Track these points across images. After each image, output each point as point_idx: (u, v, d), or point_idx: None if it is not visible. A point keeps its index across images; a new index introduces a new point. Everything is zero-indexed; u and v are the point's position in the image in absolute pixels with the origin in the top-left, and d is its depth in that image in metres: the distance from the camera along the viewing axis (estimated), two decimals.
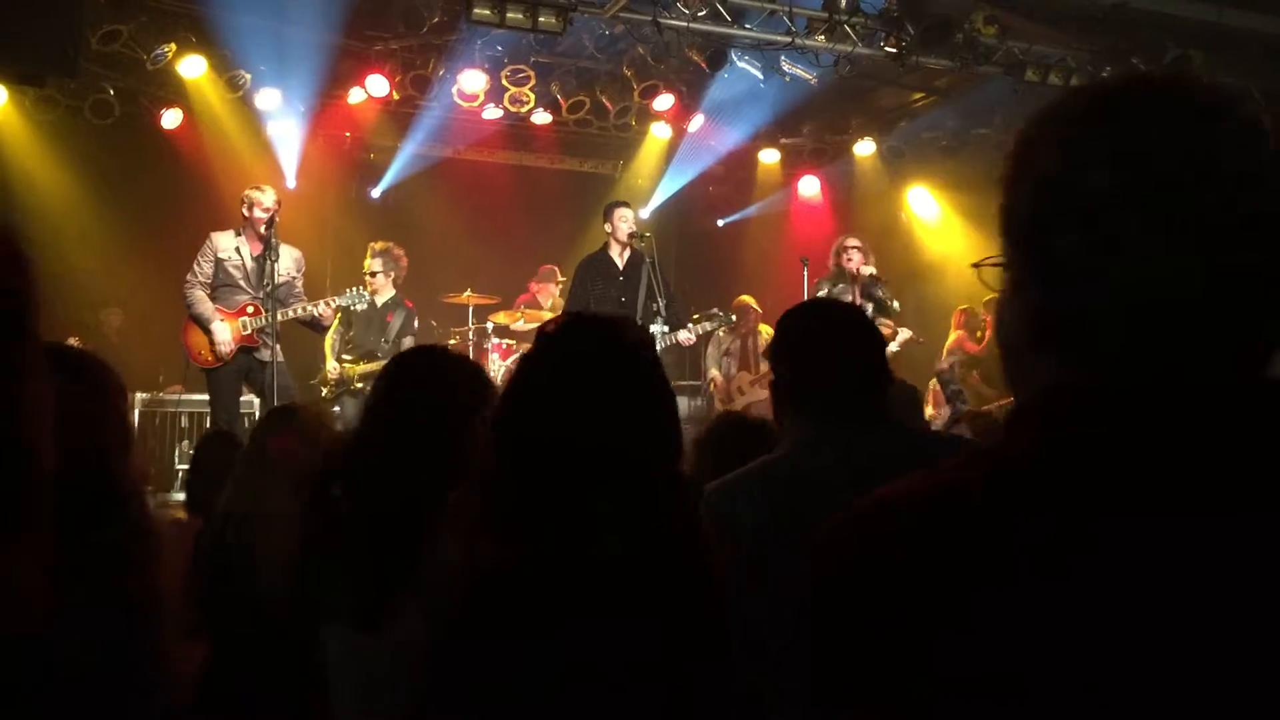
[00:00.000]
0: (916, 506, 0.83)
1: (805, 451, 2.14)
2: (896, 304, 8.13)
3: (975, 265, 0.96)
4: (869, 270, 7.99)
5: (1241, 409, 0.83)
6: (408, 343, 8.12)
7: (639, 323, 7.34)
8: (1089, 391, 0.85)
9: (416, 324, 8.39)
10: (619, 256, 7.68)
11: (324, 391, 8.26)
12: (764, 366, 9.88)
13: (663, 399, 1.80)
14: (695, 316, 8.03)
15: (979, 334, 10.67)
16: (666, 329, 7.33)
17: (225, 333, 6.84)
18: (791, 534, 1.97)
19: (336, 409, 8.30)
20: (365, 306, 7.87)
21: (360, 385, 8.13)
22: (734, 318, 8.41)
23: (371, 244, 8.45)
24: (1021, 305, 0.91)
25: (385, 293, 8.30)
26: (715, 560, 1.80)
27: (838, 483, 2.00)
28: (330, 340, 8.31)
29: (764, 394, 9.41)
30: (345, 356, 8.24)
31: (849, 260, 8.04)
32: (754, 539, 2.00)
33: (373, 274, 8.19)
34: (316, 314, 7.08)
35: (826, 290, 7.99)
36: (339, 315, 7.96)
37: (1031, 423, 0.87)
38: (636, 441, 1.74)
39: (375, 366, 8.06)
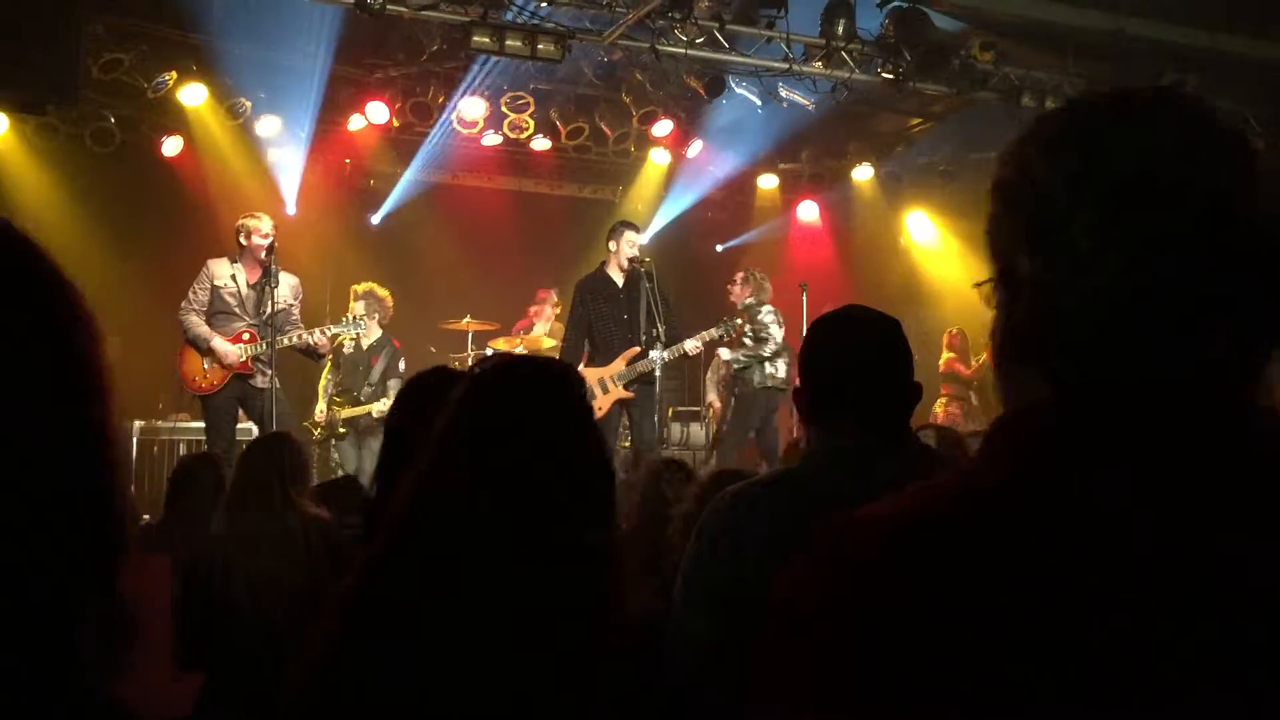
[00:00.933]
0: (887, 529, 0.83)
1: (821, 466, 2.06)
2: (775, 329, 8.28)
3: (977, 286, 0.96)
4: (747, 300, 8.26)
5: (1204, 431, 0.81)
6: (393, 384, 8.13)
7: (641, 339, 7.34)
8: (1049, 413, 0.85)
9: (403, 365, 8.35)
10: (618, 276, 7.64)
11: (315, 434, 8.25)
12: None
13: (602, 458, 1.65)
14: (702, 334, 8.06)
15: (979, 356, 10.67)
16: (665, 356, 7.30)
17: (226, 345, 6.84)
18: (789, 544, 1.93)
19: (335, 455, 8.33)
20: (362, 332, 7.87)
21: (344, 430, 8.13)
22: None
23: (354, 287, 8.47)
24: (1000, 320, 0.92)
25: (371, 334, 8.31)
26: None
27: (849, 502, 1.95)
28: (323, 381, 8.36)
29: None
30: (336, 399, 8.28)
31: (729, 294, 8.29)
32: (756, 555, 1.95)
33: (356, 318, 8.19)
34: (312, 342, 7.06)
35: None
36: (331, 357, 7.97)
37: (997, 445, 0.87)
38: (570, 509, 1.57)
39: (358, 411, 8.10)
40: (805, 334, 2.18)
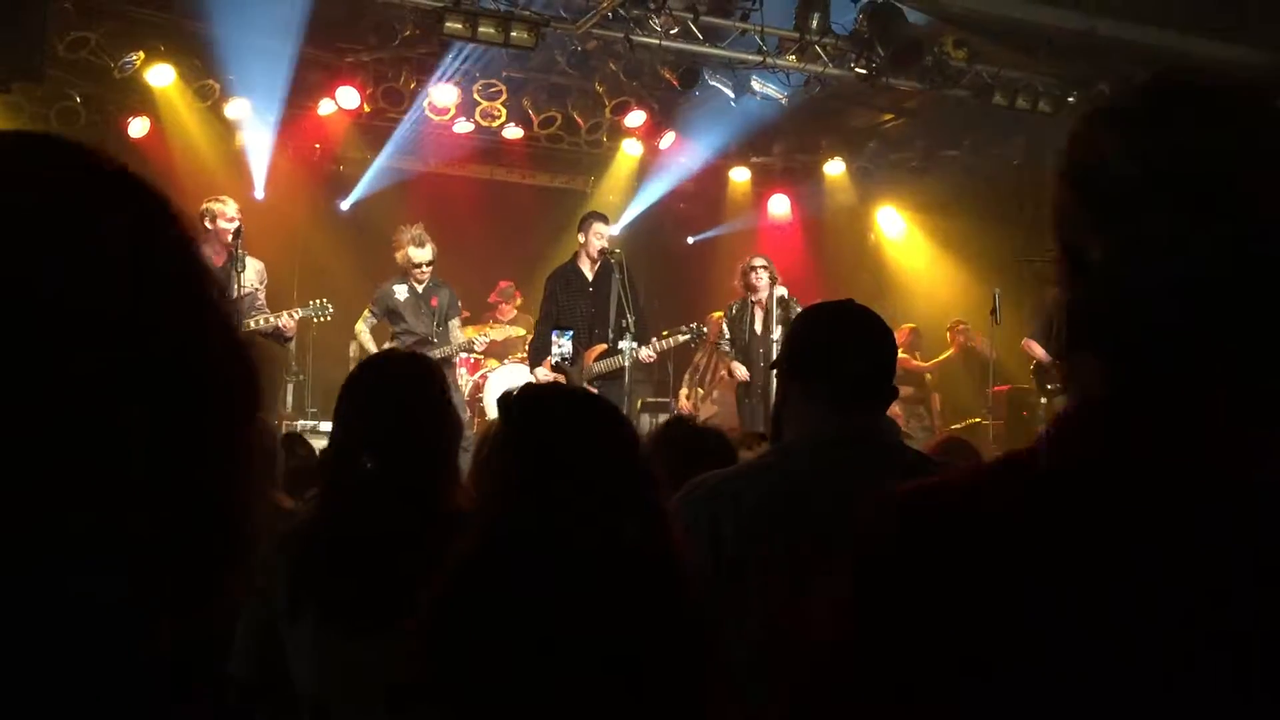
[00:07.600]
0: (957, 507, 0.85)
1: (795, 456, 2.09)
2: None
3: (1027, 260, 0.96)
4: (780, 292, 7.89)
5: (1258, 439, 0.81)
6: (454, 324, 8.01)
7: (609, 335, 7.32)
8: (1104, 407, 0.85)
9: (458, 301, 8.20)
10: (588, 268, 7.63)
11: None
12: (715, 381, 9.95)
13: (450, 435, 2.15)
14: (665, 333, 7.99)
15: (943, 354, 10.73)
16: (635, 344, 7.30)
17: None
18: (769, 538, 1.95)
19: None
20: (328, 318, 7.65)
21: None
22: (705, 329, 8.42)
23: (410, 226, 8.05)
24: (1064, 302, 0.91)
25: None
26: None
27: (818, 492, 1.97)
28: (362, 332, 8.00)
29: (714, 409, 9.46)
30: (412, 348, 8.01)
31: (756, 280, 8.06)
32: (734, 543, 1.96)
33: (430, 264, 7.90)
34: (280, 325, 6.99)
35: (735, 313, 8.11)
36: (379, 305, 7.86)
37: (1057, 434, 0.87)
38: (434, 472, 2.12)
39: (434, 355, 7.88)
40: (791, 325, 2.20)
